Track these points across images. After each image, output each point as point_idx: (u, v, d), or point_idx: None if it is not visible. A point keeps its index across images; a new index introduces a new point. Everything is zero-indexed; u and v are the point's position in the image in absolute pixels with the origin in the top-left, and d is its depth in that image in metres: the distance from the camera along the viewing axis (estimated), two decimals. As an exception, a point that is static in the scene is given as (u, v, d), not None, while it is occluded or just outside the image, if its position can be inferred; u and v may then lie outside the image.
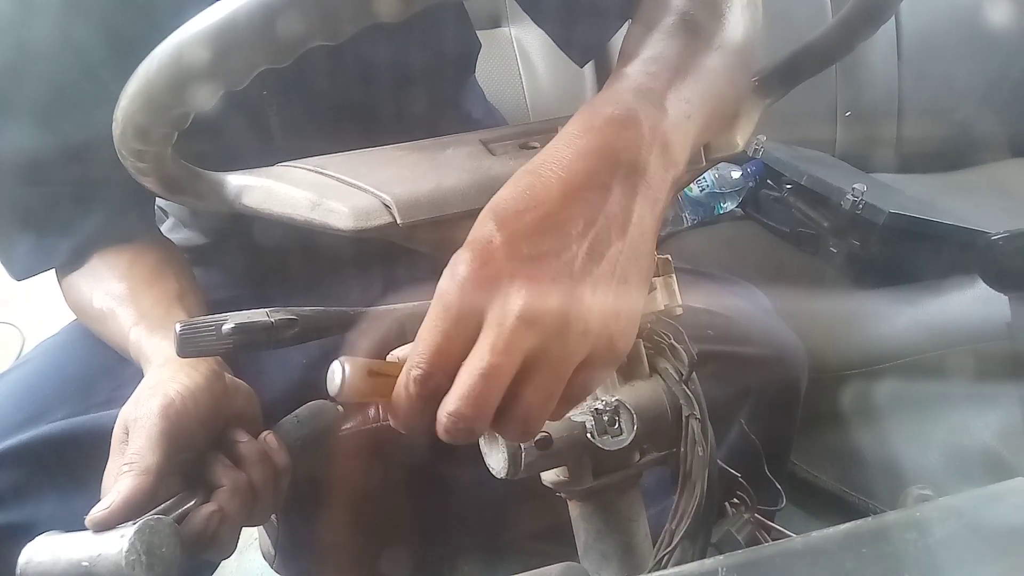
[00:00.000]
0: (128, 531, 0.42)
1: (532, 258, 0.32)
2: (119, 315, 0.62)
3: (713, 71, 0.43)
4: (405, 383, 0.33)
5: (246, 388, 0.58)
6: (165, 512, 0.46)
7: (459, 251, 0.33)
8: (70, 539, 0.44)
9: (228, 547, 0.50)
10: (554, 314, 0.32)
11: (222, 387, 0.54)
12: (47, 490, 0.57)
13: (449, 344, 0.32)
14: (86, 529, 0.45)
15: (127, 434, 0.50)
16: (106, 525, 0.44)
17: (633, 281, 0.35)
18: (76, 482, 0.56)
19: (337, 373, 0.33)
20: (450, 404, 0.32)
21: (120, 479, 0.46)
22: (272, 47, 0.33)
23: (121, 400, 0.54)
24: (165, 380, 0.52)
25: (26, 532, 0.54)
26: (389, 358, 0.36)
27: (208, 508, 0.48)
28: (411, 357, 0.33)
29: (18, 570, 0.43)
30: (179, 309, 0.62)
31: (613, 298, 0.33)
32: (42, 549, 0.44)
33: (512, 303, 0.31)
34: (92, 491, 0.48)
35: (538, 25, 0.69)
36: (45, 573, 0.43)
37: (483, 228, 0.33)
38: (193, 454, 0.51)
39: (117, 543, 0.42)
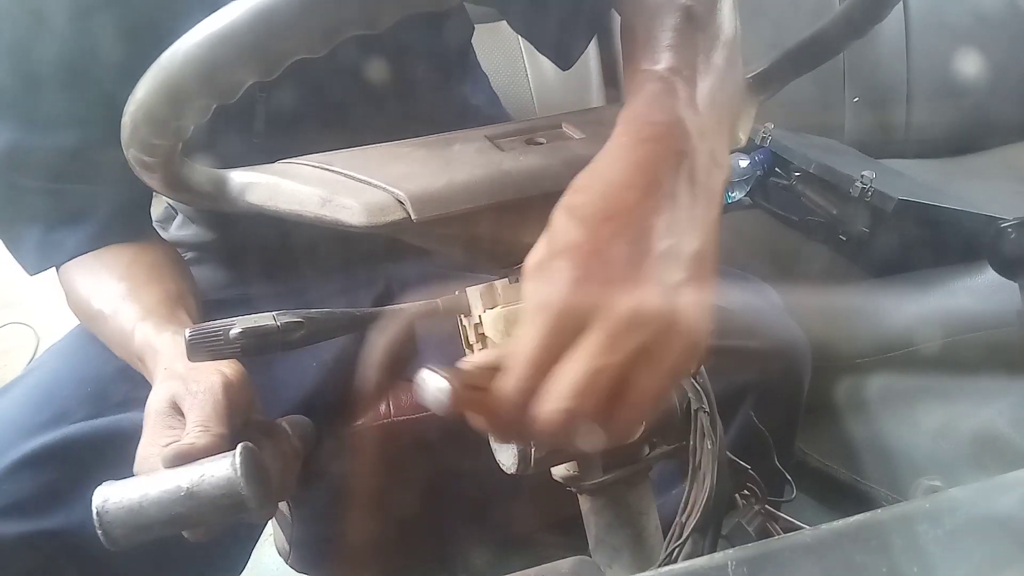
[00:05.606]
0: (230, 454, 0.45)
1: (627, 262, 0.34)
2: (121, 313, 0.62)
3: (722, 67, 0.43)
4: (509, 390, 0.34)
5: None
6: None
7: (547, 257, 0.34)
8: (138, 480, 0.45)
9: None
10: (655, 314, 0.33)
11: (248, 377, 0.57)
12: (74, 493, 0.57)
13: (551, 350, 0.33)
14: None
15: (174, 409, 0.52)
16: (183, 460, 0.46)
17: (708, 281, 0.36)
18: (97, 485, 0.56)
19: (434, 385, 0.32)
20: (561, 401, 0.32)
21: (192, 436, 0.48)
22: (258, 63, 0.33)
23: (137, 401, 0.55)
24: (207, 365, 0.53)
25: (51, 536, 0.55)
26: (460, 366, 0.35)
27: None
28: (513, 365, 0.34)
29: (96, 513, 0.43)
30: (181, 309, 0.63)
31: (696, 296, 0.35)
32: (115, 491, 0.44)
33: (618, 306, 0.33)
34: None
35: (514, 30, 0.68)
36: (131, 508, 0.44)
37: (570, 234, 0.35)
38: (233, 432, 0.52)
39: (223, 462, 0.45)
